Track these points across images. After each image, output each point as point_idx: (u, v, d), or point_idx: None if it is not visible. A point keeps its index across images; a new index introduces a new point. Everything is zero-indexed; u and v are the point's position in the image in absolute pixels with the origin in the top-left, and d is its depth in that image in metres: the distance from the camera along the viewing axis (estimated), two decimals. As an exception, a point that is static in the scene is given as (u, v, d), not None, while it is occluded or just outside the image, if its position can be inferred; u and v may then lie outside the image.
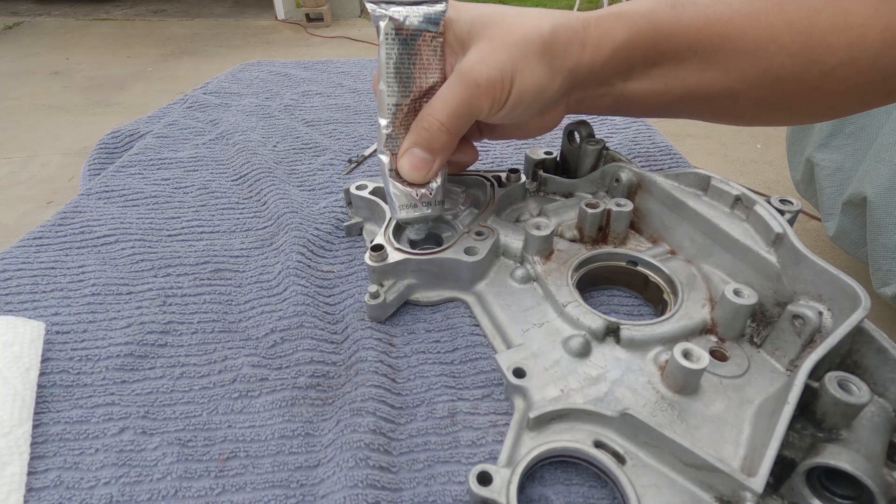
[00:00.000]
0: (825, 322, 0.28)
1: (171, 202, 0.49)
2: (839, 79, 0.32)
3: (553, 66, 0.33)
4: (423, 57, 0.33)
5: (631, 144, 0.57)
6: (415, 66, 0.33)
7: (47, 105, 2.54)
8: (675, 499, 0.24)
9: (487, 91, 0.32)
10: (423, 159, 0.34)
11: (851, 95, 0.34)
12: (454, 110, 0.32)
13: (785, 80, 0.33)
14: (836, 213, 1.04)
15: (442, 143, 0.33)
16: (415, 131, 0.34)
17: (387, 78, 0.33)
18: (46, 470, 0.28)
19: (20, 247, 0.43)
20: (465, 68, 0.32)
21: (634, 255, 0.37)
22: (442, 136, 0.33)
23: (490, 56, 0.32)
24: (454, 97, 0.32)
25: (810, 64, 0.32)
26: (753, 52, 0.33)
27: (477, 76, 0.31)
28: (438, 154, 0.34)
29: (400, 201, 0.36)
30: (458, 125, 0.33)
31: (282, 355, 0.34)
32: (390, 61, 0.33)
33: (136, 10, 4.12)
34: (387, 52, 0.33)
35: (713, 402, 0.28)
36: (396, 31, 0.32)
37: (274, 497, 0.26)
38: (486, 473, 0.24)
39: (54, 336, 0.35)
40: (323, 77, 0.76)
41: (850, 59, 0.31)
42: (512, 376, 0.30)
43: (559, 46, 0.33)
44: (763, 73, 0.33)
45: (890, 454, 0.25)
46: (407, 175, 0.34)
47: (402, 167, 0.34)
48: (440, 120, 0.33)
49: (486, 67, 0.31)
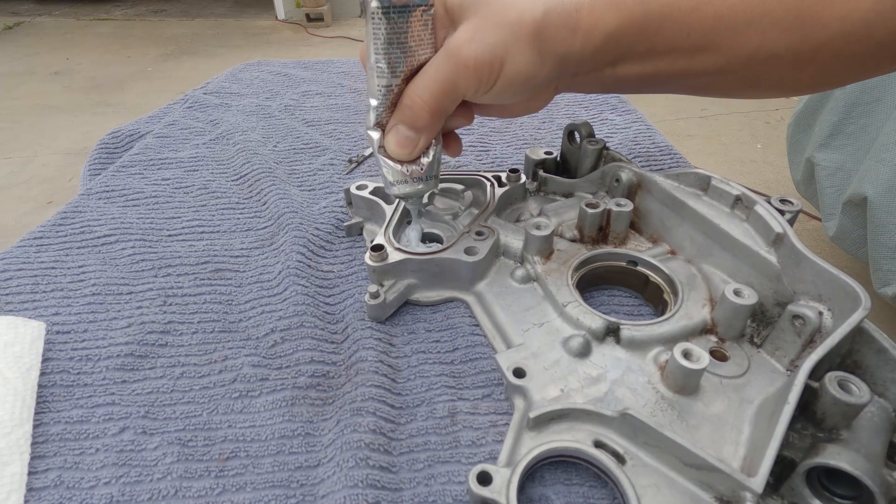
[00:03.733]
0: (825, 322, 0.28)
1: (172, 202, 0.49)
2: (832, 52, 0.32)
3: (543, 52, 0.32)
4: (413, 34, 0.31)
5: (631, 144, 0.57)
6: (405, 45, 0.31)
7: (47, 105, 2.54)
8: (674, 499, 0.24)
9: (475, 72, 0.31)
10: (408, 137, 0.33)
11: (844, 68, 0.33)
12: (439, 89, 0.32)
13: (777, 55, 0.33)
14: (836, 213, 1.04)
15: (425, 122, 0.33)
16: (400, 108, 0.33)
17: (375, 57, 0.31)
18: (47, 470, 0.28)
19: (20, 247, 0.43)
20: (454, 46, 0.31)
21: (634, 255, 0.37)
22: (425, 114, 0.32)
23: (481, 36, 0.31)
24: (440, 75, 0.31)
25: (802, 39, 0.32)
26: (745, 28, 0.32)
27: (465, 56, 0.31)
28: (423, 132, 0.33)
29: (391, 177, 0.35)
30: (442, 104, 0.32)
31: (282, 355, 0.34)
32: (378, 41, 0.30)
33: (136, 10, 4.12)
34: (373, 31, 0.30)
35: (713, 402, 0.28)
36: (384, 9, 0.29)
37: (274, 497, 0.26)
38: (486, 473, 0.24)
39: (55, 336, 0.35)
40: (323, 77, 0.76)
41: (842, 33, 0.31)
42: (512, 376, 0.30)
43: (551, 30, 0.32)
44: (756, 50, 0.33)
45: (890, 454, 0.25)
46: (393, 152, 0.34)
47: (388, 144, 0.34)
48: (423, 98, 0.32)
49: (476, 47, 0.31)
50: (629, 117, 0.63)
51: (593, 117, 0.63)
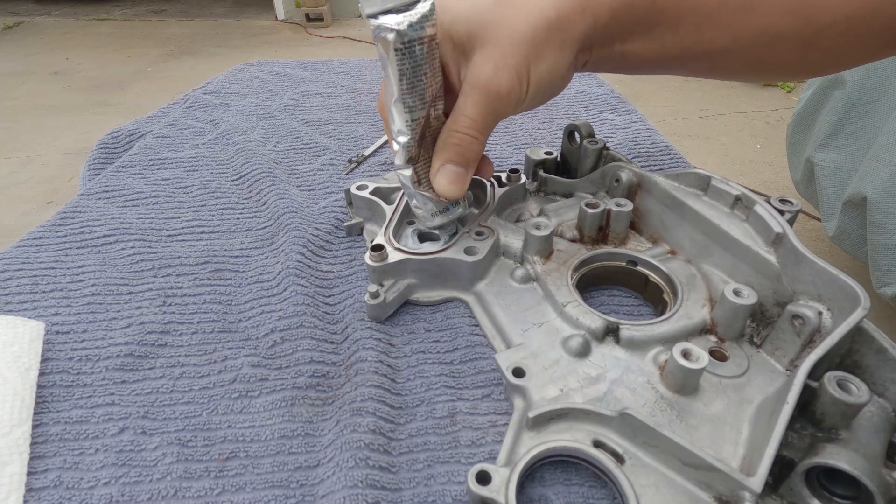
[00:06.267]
0: (825, 322, 0.28)
1: (171, 202, 0.49)
2: (835, 35, 0.32)
3: (564, 43, 0.33)
4: (428, 63, 0.31)
5: (631, 144, 0.57)
6: (425, 75, 0.32)
7: (47, 105, 2.54)
8: (673, 499, 0.24)
9: (508, 97, 0.32)
10: (458, 173, 0.34)
11: (848, 50, 0.34)
12: (483, 122, 0.33)
13: (782, 37, 0.33)
14: (836, 213, 1.04)
15: (475, 154, 0.34)
16: (446, 148, 0.34)
17: (402, 94, 0.31)
18: (46, 470, 0.28)
19: (20, 247, 0.43)
20: (484, 80, 0.32)
21: (634, 255, 0.37)
22: (475, 147, 0.34)
23: (503, 61, 0.31)
24: (480, 110, 0.32)
25: (806, 21, 0.32)
26: (750, 10, 0.32)
27: (498, 87, 0.32)
28: (471, 165, 0.35)
29: (430, 211, 0.36)
30: (486, 134, 0.34)
31: (282, 355, 0.34)
32: (404, 77, 0.31)
33: (136, 10, 4.12)
34: (399, 68, 0.30)
35: (713, 402, 0.28)
36: (406, 44, 0.30)
37: (274, 497, 0.26)
38: (485, 473, 0.24)
39: (54, 336, 0.35)
40: (323, 77, 0.76)
41: (846, 16, 0.31)
42: (511, 376, 0.30)
43: (565, 22, 0.32)
44: (760, 32, 0.33)
45: (889, 454, 0.25)
46: (446, 192, 0.34)
47: (440, 185, 0.34)
48: (471, 134, 0.33)
49: (506, 76, 0.31)
50: (629, 117, 0.63)
51: (593, 117, 0.63)
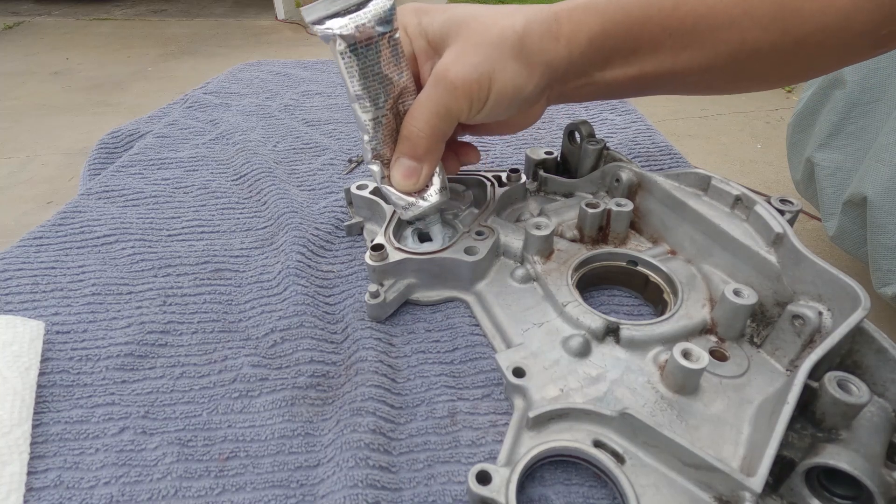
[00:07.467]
0: (825, 322, 0.28)
1: (171, 202, 0.49)
2: (813, 45, 0.32)
3: (530, 63, 0.33)
4: (385, 62, 0.31)
5: (631, 144, 0.57)
6: (381, 75, 0.31)
7: (47, 105, 2.53)
8: (674, 499, 0.24)
9: (464, 93, 0.32)
10: (411, 167, 0.34)
11: (825, 58, 0.34)
12: (433, 115, 0.32)
13: (760, 51, 0.33)
14: (836, 213, 1.04)
15: (425, 149, 0.33)
16: (400, 141, 0.34)
17: (355, 96, 0.31)
18: (46, 470, 0.28)
19: (20, 247, 0.43)
20: (440, 71, 0.32)
21: (634, 255, 0.37)
22: (423, 142, 0.33)
23: (465, 57, 0.31)
24: (431, 101, 0.32)
25: (784, 33, 0.32)
26: (727, 27, 0.33)
27: (453, 78, 0.31)
28: (425, 160, 0.34)
29: (402, 203, 0.36)
30: (438, 129, 0.33)
31: (282, 355, 0.34)
32: (354, 78, 0.31)
33: (136, 10, 4.12)
34: (347, 71, 0.30)
35: (713, 402, 0.28)
36: (352, 47, 0.30)
37: (274, 497, 0.26)
38: (485, 473, 0.24)
39: (54, 336, 0.35)
40: (323, 77, 0.76)
41: (822, 26, 0.31)
42: (511, 376, 0.30)
43: (534, 42, 0.32)
44: (738, 48, 0.33)
45: (890, 454, 0.25)
46: (399, 185, 0.34)
47: (394, 178, 0.34)
48: (419, 128, 0.32)
49: (462, 68, 0.31)
50: (629, 117, 0.63)
51: (593, 117, 0.63)
